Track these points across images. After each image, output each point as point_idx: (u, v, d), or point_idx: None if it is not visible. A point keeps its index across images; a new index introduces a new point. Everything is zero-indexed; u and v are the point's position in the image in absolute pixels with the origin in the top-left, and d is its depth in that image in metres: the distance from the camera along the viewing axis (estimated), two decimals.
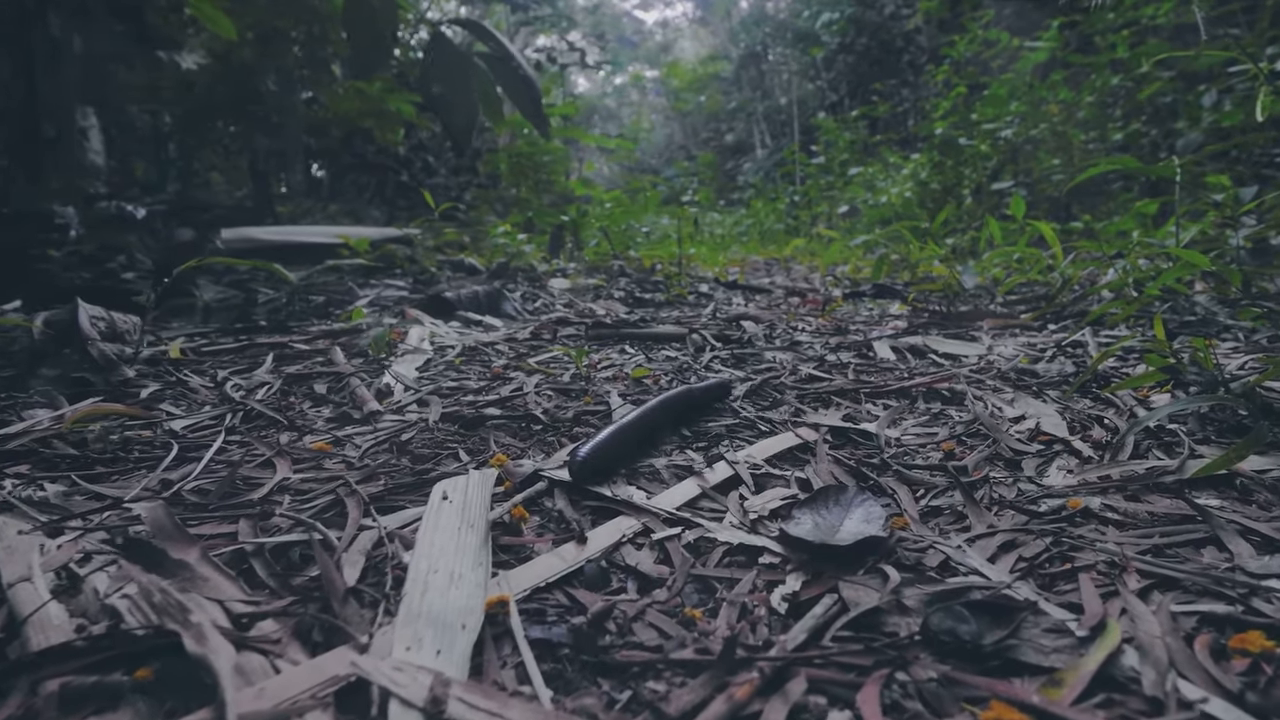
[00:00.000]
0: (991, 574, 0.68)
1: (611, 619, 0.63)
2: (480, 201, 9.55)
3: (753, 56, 18.72)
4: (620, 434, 1.01)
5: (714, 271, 4.27)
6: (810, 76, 15.86)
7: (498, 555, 0.74)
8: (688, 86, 19.90)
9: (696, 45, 22.14)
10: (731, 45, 19.53)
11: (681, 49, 22.70)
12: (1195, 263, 1.17)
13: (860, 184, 8.26)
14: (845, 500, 0.85)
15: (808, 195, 8.62)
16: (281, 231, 4.97)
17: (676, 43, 23.03)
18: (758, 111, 18.05)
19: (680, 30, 23.08)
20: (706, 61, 19.90)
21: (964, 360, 1.60)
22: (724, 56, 19.72)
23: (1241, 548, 0.71)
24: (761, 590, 0.68)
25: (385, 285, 3.06)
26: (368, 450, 1.02)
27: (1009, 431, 1.10)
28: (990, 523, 0.81)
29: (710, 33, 21.30)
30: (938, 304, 2.29)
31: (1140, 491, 0.87)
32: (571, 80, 21.14)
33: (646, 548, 0.76)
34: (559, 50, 13.47)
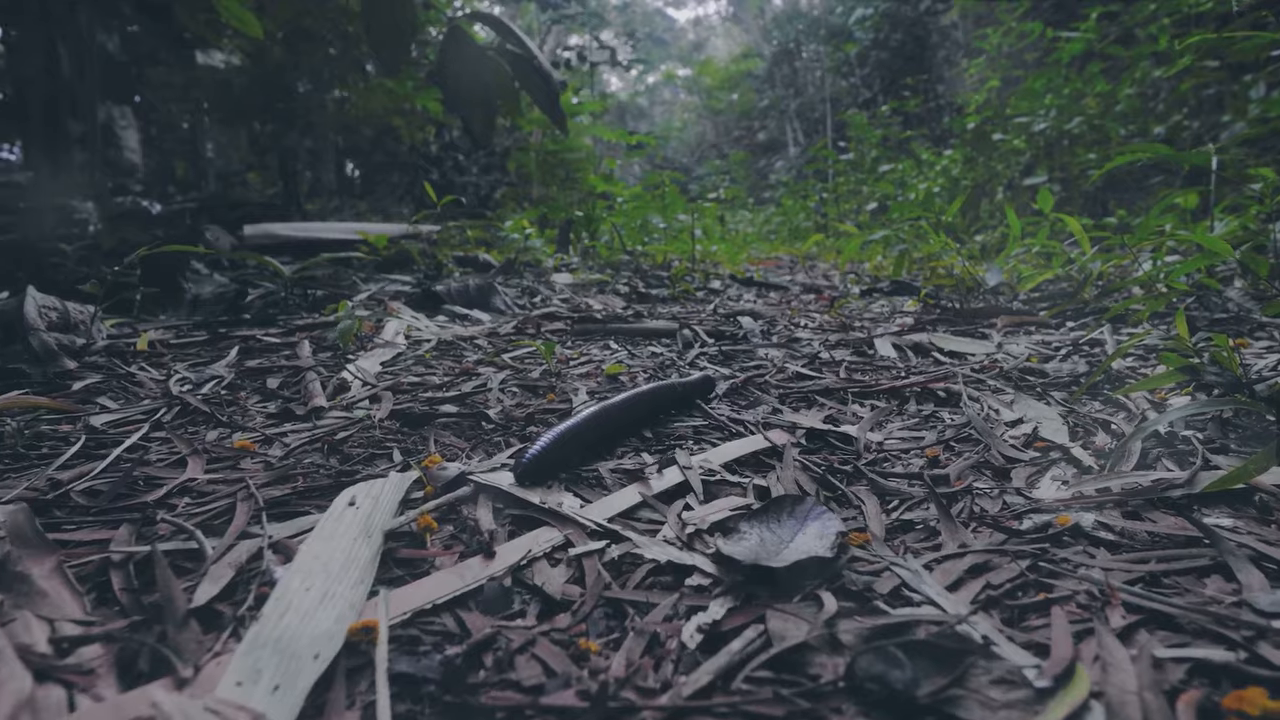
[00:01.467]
0: (948, 605, 0.58)
1: (494, 650, 0.55)
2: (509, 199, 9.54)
3: (785, 53, 18.50)
4: (572, 433, 0.93)
5: (732, 268, 4.16)
6: (843, 73, 15.62)
7: (391, 570, 0.66)
8: (720, 85, 19.74)
9: (729, 43, 21.95)
10: (764, 42, 19.34)
11: (714, 47, 22.53)
12: (1218, 250, 1.05)
13: (891, 181, 8.07)
14: (801, 513, 0.76)
15: (835, 192, 8.45)
16: (302, 228, 4.98)
17: (709, 41, 22.87)
18: (790, 109, 17.85)
19: (713, 28, 22.91)
20: (739, 59, 19.71)
21: (969, 359, 1.48)
22: (757, 54, 19.52)
23: (1252, 578, 0.60)
24: (680, 618, 0.59)
25: (390, 280, 3.01)
26: (296, 449, 0.95)
27: (1003, 437, 0.99)
28: (963, 541, 0.71)
29: (743, 30, 21.11)
30: (950, 300, 2.16)
31: (1142, 508, 0.76)
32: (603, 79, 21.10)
33: (563, 565, 0.68)
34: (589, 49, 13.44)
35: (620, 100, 21.36)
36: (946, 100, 11.64)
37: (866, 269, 3.99)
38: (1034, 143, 5.88)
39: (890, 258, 3.48)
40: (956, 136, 7.76)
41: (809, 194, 10.65)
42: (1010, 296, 2.54)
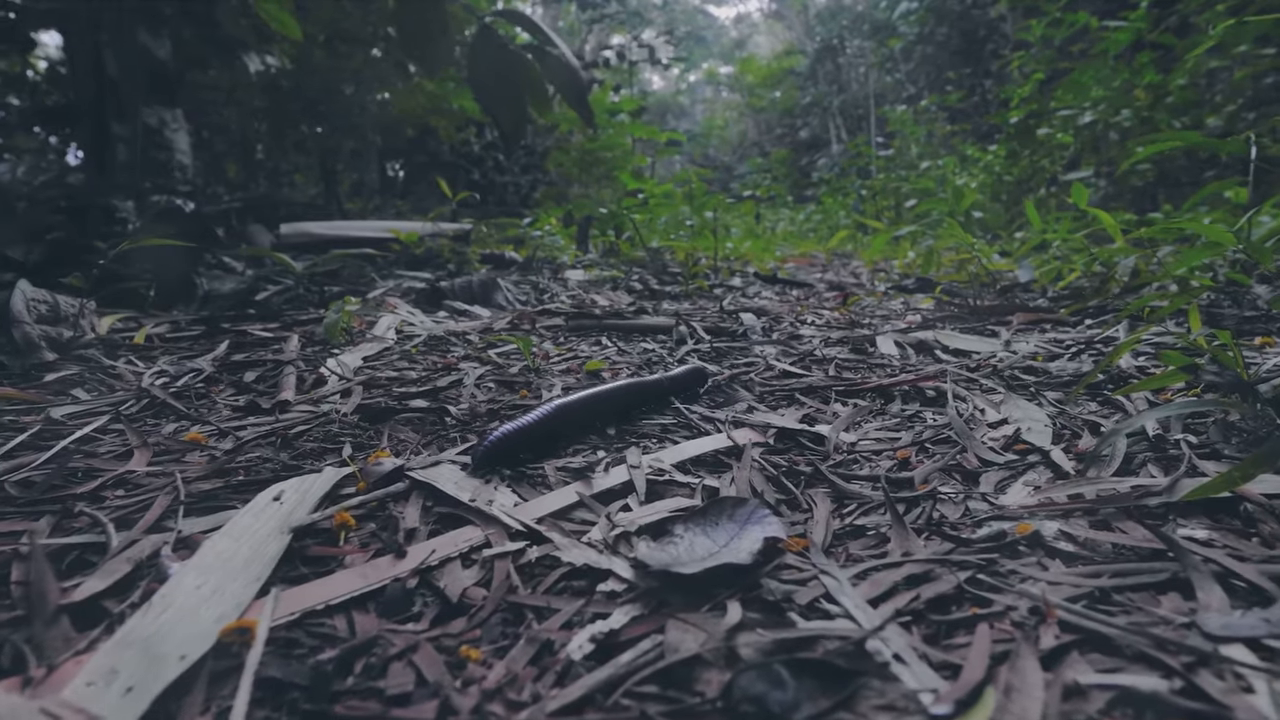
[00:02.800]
0: (863, 619, 0.53)
1: (371, 656, 0.52)
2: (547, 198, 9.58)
3: (829, 50, 18.24)
4: (533, 424, 0.90)
5: (760, 266, 4.09)
6: (887, 69, 15.34)
7: (297, 568, 0.64)
8: (762, 82, 19.55)
9: (772, 40, 21.73)
10: (807, 39, 19.10)
11: (756, 44, 22.33)
12: (1219, 240, 0.97)
13: (933, 178, 7.88)
14: (741, 516, 0.71)
15: (874, 189, 8.29)
16: (337, 226, 5.06)
17: (751, 38, 22.68)
18: (833, 106, 17.60)
19: (755, 25, 22.71)
20: (781, 56, 19.50)
21: (973, 357, 1.41)
22: (800, 50, 19.29)
23: (1212, 596, 0.54)
24: (581, 625, 0.55)
25: (410, 277, 3.02)
26: (248, 443, 0.94)
27: (983, 439, 0.94)
28: (908, 549, 0.66)
29: (785, 27, 20.88)
30: (966, 297, 2.08)
31: (1114, 516, 0.70)
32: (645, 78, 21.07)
33: (476, 566, 0.65)
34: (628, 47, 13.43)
35: (662, 99, 21.32)
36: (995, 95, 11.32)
37: (895, 266, 3.89)
38: (1080, 137, 5.68)
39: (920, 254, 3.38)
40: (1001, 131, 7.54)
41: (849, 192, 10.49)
42: (1039, 293, 2.44)
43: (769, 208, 13.93)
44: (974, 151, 8.01)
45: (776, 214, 12.16)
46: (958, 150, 8.84)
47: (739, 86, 20.56)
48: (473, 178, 11.63)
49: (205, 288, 2.22)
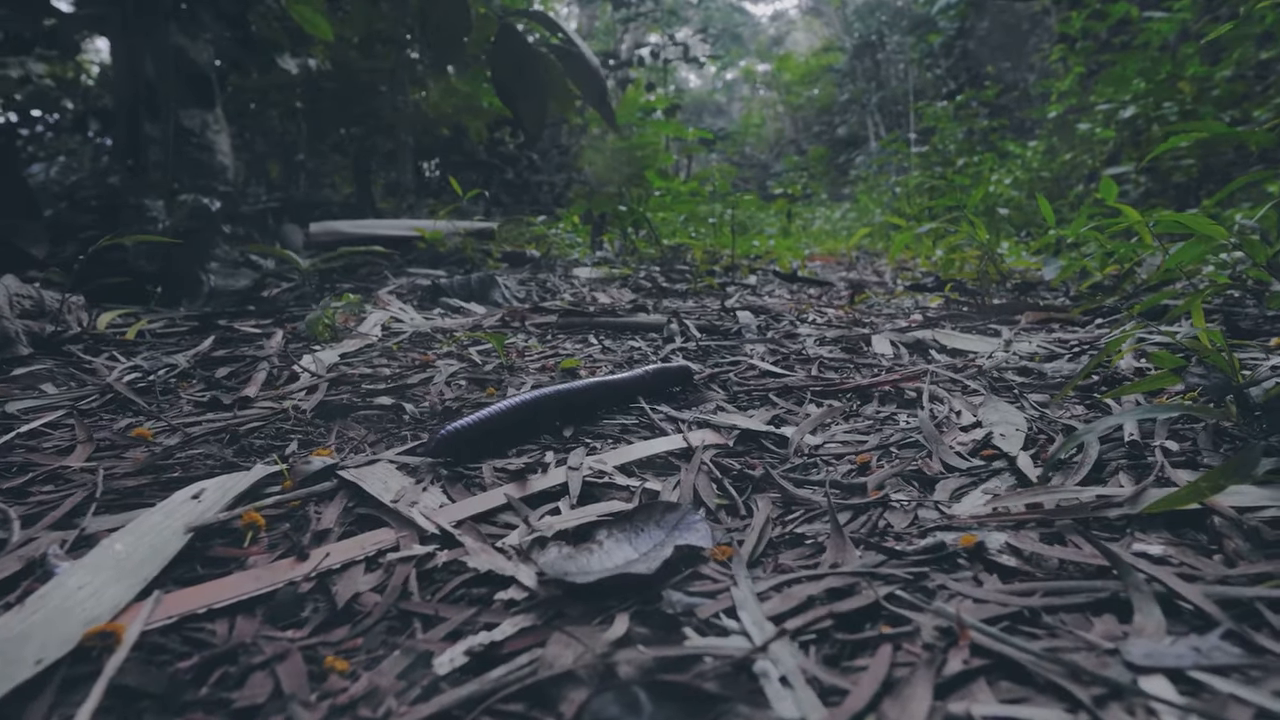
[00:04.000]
0: (758, 636, 0.49)
1: (235, 664, 0.50)
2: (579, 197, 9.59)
3: (867, 46, 17.98)
4: (490, 421, 0.88)
5: (784, 264, 4.03)
6: (926, 65, 15.07)
7: (195, 569, 0.62)
8: (799, 79, 19.34)
9: (809, 37, 21.49)
10: (845, 35, 18.85)
11: (794, 41, 22.10)
12: (1211, 234, 0.90)
13: (968, 174, 7.70)
14: (670, 523, 0.68)
15: (907, 186, 8.14)
16: (365, 224, 5.12)
17: (789, 35, 22.45)
18: (871, 103, 17.34)
19: (793, 22, 22.48)
20: (819, 53, 19.27)
21: (969, 357, 1.35)
22: (838, 47, 19.04)
23: (1149, 620, 0.49)
24: (466, 636, 0.52)
25: (422, 274, 3.03)
26: (196, 439, 0.92)
27: (952, 443, 0.88)
28: (837, 561, 0.62)
29: (823, 23, 20.64)
30: (977, 295, 2.00)
31: (1070, 528, 0.64)
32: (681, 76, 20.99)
33: (380, 570, 0.62)
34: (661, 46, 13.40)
35: (698, 97, 21.22)
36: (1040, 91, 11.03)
37: (920, 264, 3.79)
38: (1121, 131, 5.49)
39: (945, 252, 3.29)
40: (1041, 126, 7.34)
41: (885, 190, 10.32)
42: (1061, 292, 2.35)
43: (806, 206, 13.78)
44: (1014, 147, 7.81)
45: (813, 212, 12.03)
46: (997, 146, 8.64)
47: (776, 84, 20.38)
48: (506, 177, 11.71)
49: (212, 284, 2.24)
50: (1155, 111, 5.15)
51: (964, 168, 8.11)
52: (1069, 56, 6.59)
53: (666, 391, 1.14)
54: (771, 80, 20.47)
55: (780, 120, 20.76)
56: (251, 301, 2.09)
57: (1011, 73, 11.22)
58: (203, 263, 2.26)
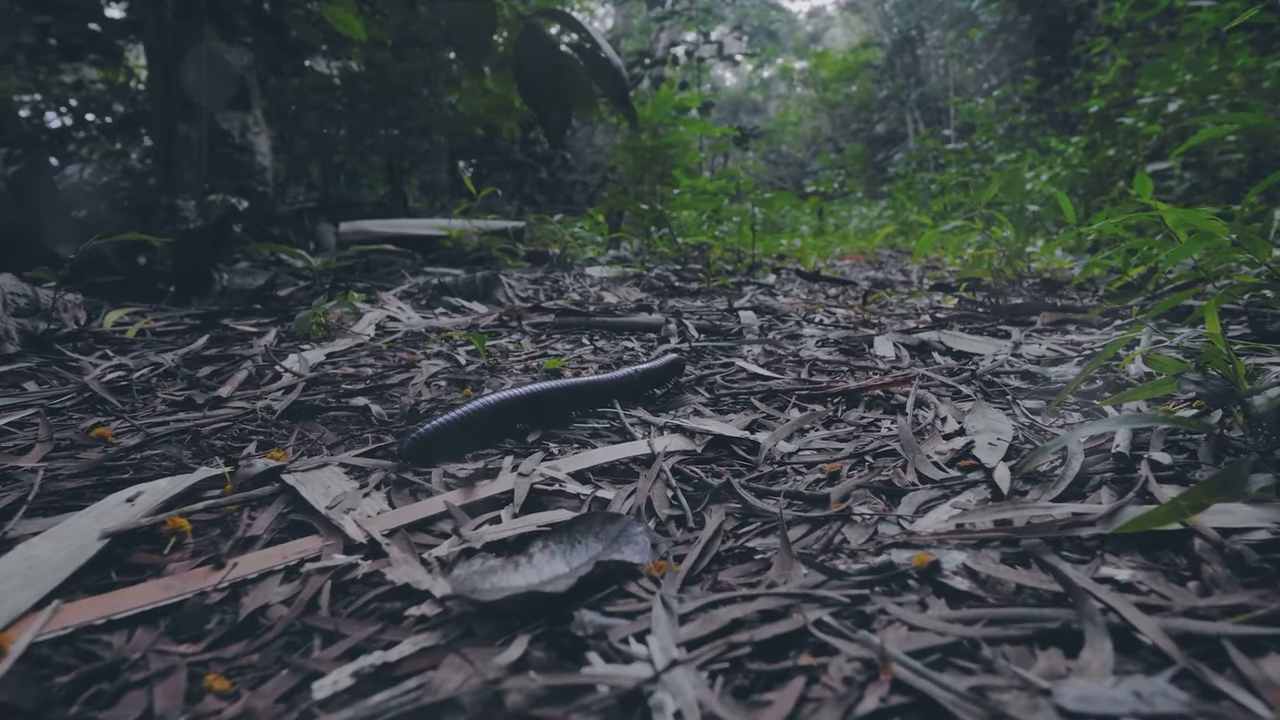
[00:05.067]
0: (662, 663, 0.46)
1: (114, 679, 0.47)
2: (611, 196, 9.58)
3: (907, 41, 17.68)
4: (460, 423, 0.86)
5: (808, 263, 3.95)
6: (967, 60, 14.77)
7: (108, 576, 0.60)
8: (837, 76, 19.09)
9: (847, 33, 21.20)
10: (884, 31, 18.56)
11: (832, 37, 21.83)
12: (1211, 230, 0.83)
13: (1005, 171, 7.50)
14: (609, 535, 0.65)
15: (942, 184, 7.97)
16: (392, 224, 5.16)
17: (827, 31, 22.18)
18: (910, 99, 17.05)
19: (831, 19, 22.20)
20: (858, 49, 19.00)
21: (973, 359, 1.29)
22: (876, 43, 18.76)
23: (1098, 657, 0.44)
24: (361, 654, 0.49)
25: (439, 272, 3.03)
26: (158, 439, 0.91)
27: (930, 452, 0.83)
28: (776, 580, 0.57)
29: (862, 19, 20.34)
30: (994, 295, 1.92)
31: (1037, 548, 0.59)
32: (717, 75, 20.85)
33: (298, 580, 0.59)
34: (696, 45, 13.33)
35: (734, 95, 21.08)
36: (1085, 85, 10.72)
37: (949, 263, 3.69)
38: (1166, 125, 5.29)
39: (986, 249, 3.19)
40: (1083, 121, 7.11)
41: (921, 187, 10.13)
42: (1091, 291, 2.25)
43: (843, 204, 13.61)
44: (1057, 143, 7.59)
45: (850, 210, 11.88)
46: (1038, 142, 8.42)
47: (813, 81, 20.14)
48: (540, 176, 11.75)
49: (225, 282, 2.26)
50: (1202, 105, 4.95)
51: (1003, 165, 7.92)
52: (1112, 49, 6.38)
53: (652, 391, 1.11)
54: (809, 77, 20.24)
55: (817, 118, 20.53)
56: (262, 300, 2.10)
57: (1054, 66, 10.92)
58: (215, 261, 2.28)
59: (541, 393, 0.98)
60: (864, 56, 18.70)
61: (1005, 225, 2.28)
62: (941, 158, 8.78)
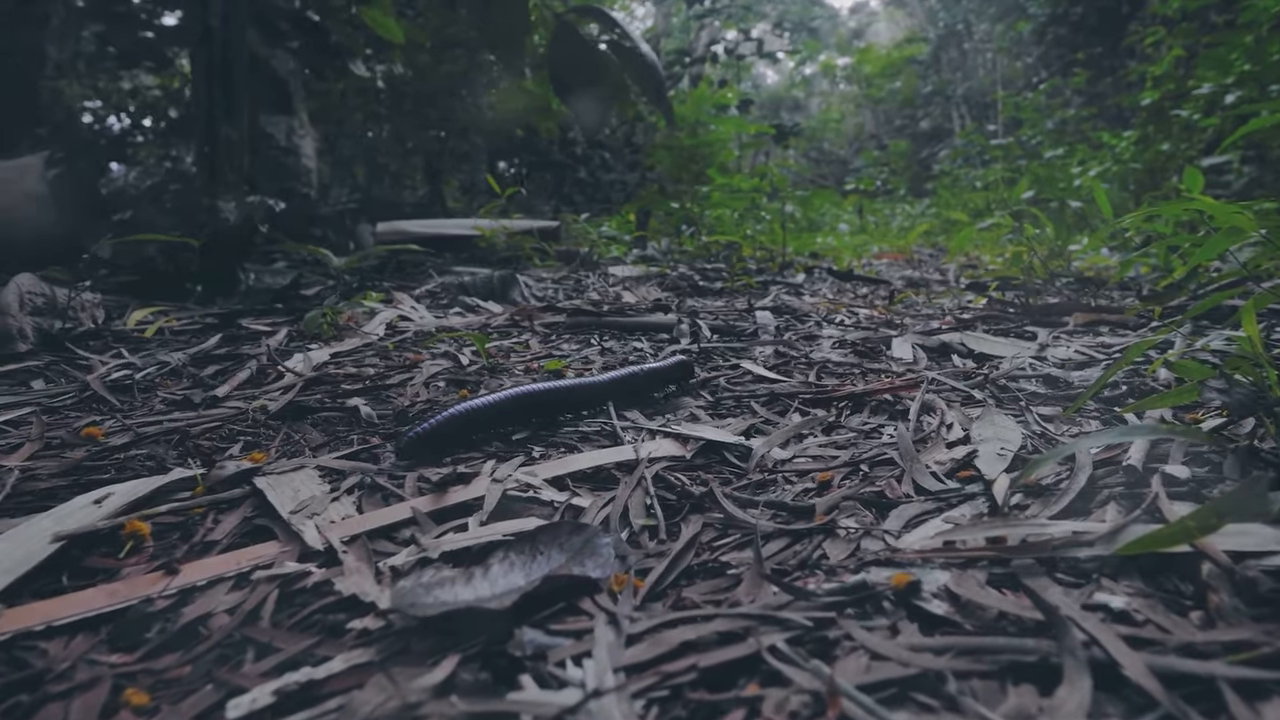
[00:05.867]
0: (592, 682, 0.43)
1: (38, 690, 0.46)
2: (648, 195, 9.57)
3: (953, 35, 17.31)
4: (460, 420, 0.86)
5: (842, 262, 3.87)
6: (1015, 54, 14.40)
7: (59, 580, 0.59)
8: (880, 72, 18.79)
9: (892, 28, 20.84)
10: (930, 25, 18.21)
11: (875, 33, 21.48)
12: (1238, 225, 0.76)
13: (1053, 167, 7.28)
14: (573, 546, 0.62)
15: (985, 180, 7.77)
16: (428, 224, 5.21)
17: (870, 27, 21.84)
18: (956, 94, 16.70)
19: (874, 13, 21.85)
20: (902, 44, 18.67)
21: (995, 362, 1.23)
22: (921, 38, 18.41)
23: (1074, 696, 0.40)
24: (289, 670, 0.47)
25: (466, 271, 3.03)
26: (146, 439, 0.91)
27: (930, 461, 0.79)
28: (739, 600, 0.54)
29: (906, 14, 19.98)
30: (1020, 295, 1.84)
31: (1026, 570, 0.55)
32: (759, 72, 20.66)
33: (248, 588, 0.58)
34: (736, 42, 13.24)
35: (775, 93, 20.89)
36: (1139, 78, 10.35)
37: (988, 261, 3.58)
38: (1223, 118, 5.06)
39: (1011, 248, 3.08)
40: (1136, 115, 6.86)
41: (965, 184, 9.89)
42: (1135, 291, 2.16)
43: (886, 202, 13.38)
44: (1108, 138, 7.34)
45: (892, 208, 11.68)
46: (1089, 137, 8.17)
47: (856, 78, 19.86)
48: (579, 176, 11.78)
49: (250, 282, 2.28)
50: (1262, 95, 4.73)
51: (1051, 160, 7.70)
52: (1167, 39, 6.13)
53: (654, 393, 1.08)
54: (851, 74, 19.96)
55: (860, 114, 20.22)
56: (286, 299, 2.12)
57: (1106, 58, 10.57)
58: (241, 261, 2.30)
59: (541, 393, 0.96)
60: (908, 52, 18.38)
61: (1044, 223, 2.19)
62: (987, 154, 8.56)
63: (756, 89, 18.50)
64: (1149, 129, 6.16)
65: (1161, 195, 5.03)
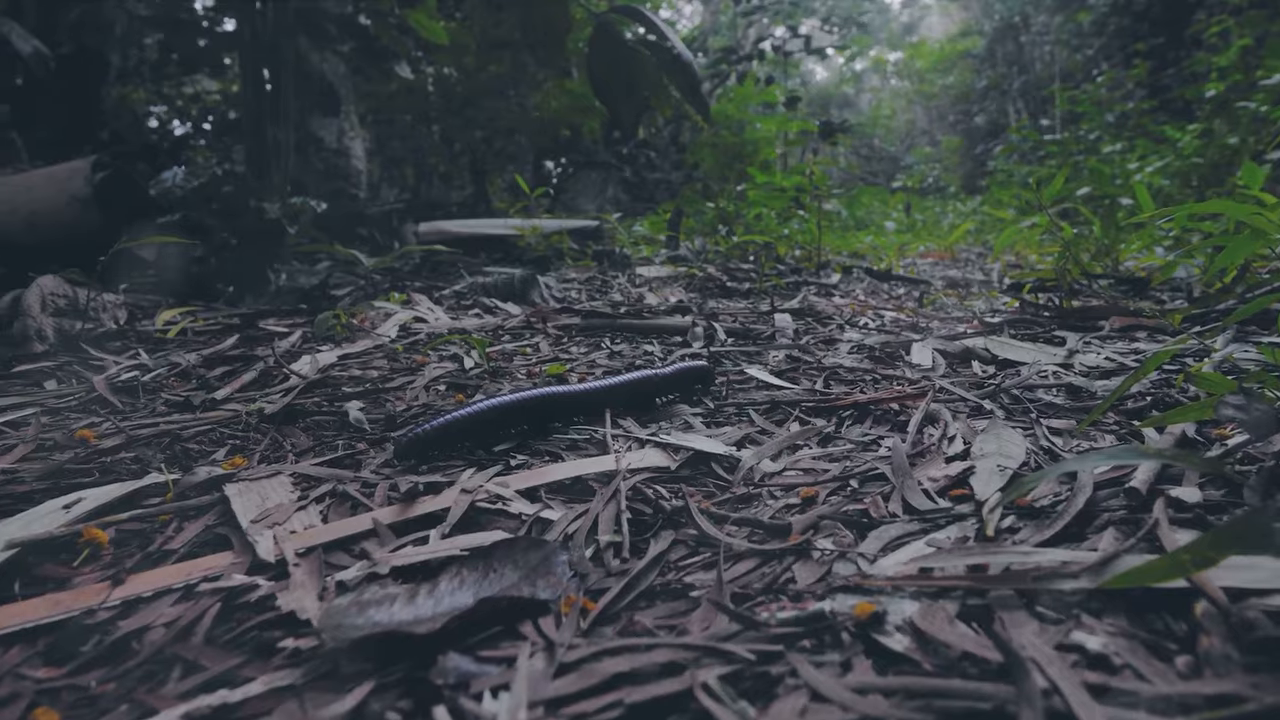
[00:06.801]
0: (504, 718, 0.40)
1: None
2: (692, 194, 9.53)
3: (1010, 28, 16.83)
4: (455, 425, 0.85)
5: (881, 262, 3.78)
6: (1075, 46, 13.94)
7: (8, 589, 0.58)
8: (933, 67, 18.38)
9: (945, 22, 20.37)
10: (985, 18, 17.74)
11: (929, 26, 21.02)
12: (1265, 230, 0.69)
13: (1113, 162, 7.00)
14: (529, 563, 0.59)
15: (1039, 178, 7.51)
16: (468, 224, 5.27)
17: (923, 21, 21.38)
18: (1012, 89, 16.24)
19: (927, 7, 21.36)
20: (956, 38, 18.24)
21: (1018, 368, 1.17)
22: (976, 31, 17.95)
23: None
24: (212, 691, 0.46)
25: (497, 272, 3.04)
26: (138, 441, 0.91)
27: (924, 478, 0.74)
28: (693, 626, 0.51)
29: (960, 7, 19.51)
30: (1055, 297, 1.75)
31: (1002, 602, 0.50)
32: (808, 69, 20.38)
33: (192, 601, 0.57)
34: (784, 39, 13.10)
35: (824, 90, 20.60)
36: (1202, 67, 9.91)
37: (1035, 260, 3.46)
38: None
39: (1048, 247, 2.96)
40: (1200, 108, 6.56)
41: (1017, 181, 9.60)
42: (1185, 293, 2.04)
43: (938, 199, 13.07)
44: (1172, 132, 7.04)
45: (944, 205, 11.43)
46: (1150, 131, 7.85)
47: (908, 73, 19.47)
48: (624, 175, 11.80)
49: (281, 282, 2.32)
50: None
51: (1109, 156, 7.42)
52: (1234, 27, 5.86)
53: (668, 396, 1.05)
54: (903, 69, 19.58)
55: (912, 110, 19.82)
56: (314, 300, 2.14)
57: (1171, 49, 10.15)
58: (271, 262, 2.34)
59: (547, 397, 0.94)
60: (962, 46, 17.95)
61: (1092, 221, 2.09)
62: (1041, 149, 8.29)
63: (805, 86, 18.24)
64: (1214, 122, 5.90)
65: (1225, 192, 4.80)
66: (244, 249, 2.26)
